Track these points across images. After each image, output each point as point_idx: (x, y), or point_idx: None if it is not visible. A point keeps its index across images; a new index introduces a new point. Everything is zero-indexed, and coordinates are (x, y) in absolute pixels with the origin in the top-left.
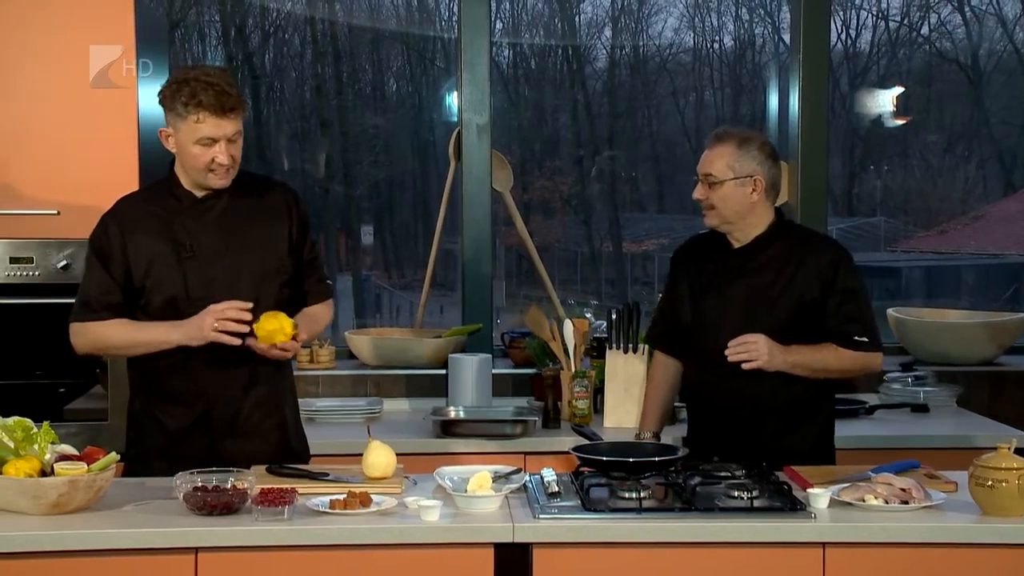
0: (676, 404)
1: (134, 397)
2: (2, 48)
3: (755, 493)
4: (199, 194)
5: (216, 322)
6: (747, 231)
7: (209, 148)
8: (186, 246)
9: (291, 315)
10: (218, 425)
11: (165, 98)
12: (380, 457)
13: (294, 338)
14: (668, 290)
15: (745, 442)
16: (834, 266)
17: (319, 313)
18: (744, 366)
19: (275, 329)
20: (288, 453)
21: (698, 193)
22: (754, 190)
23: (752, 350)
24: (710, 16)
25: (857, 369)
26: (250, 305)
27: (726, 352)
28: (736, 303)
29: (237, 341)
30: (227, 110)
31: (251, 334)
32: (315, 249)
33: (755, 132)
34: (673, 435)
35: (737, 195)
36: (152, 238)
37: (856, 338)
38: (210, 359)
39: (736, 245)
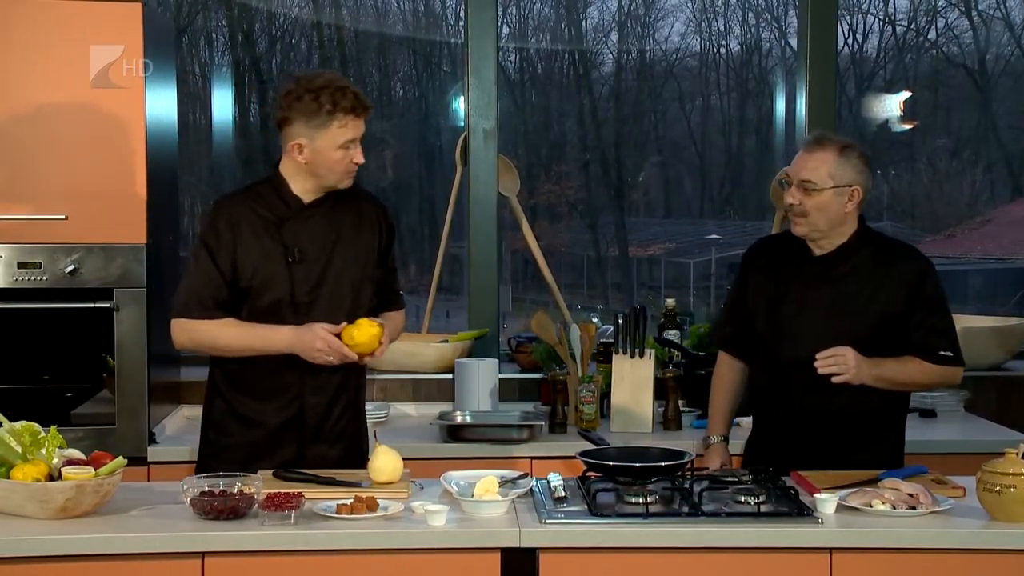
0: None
1: (215, 397)
2: (3, 50)
3: (762, 498)
4: (306, 200)
5: (324, 354)
6: (833, 239)
7: (349, 151)
8: (293, 251)
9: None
10: (309, 428)
11: (297, 111)
12: (387, 462)
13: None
14: (738, 292)
15: (820, 453)
16: (921, 277)
17: (396, 319)
18: (834, 379)
19: (367, 341)
20: (362, 457)
21: (792, 198)
22: (850, 200)
23: (841, 363)
24: (717, 21)
25: (938, 384)
26: (354, 357)
27: (816, 364)
28: (818, 312)
29: (336, 363)
30: (365, 109)
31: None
32: (395, 262)
33: (850, 139)
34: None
35: (834, 204)
36: (261, 240)
37: (941, 352)
38: (308, 365)
39: (818, 252)
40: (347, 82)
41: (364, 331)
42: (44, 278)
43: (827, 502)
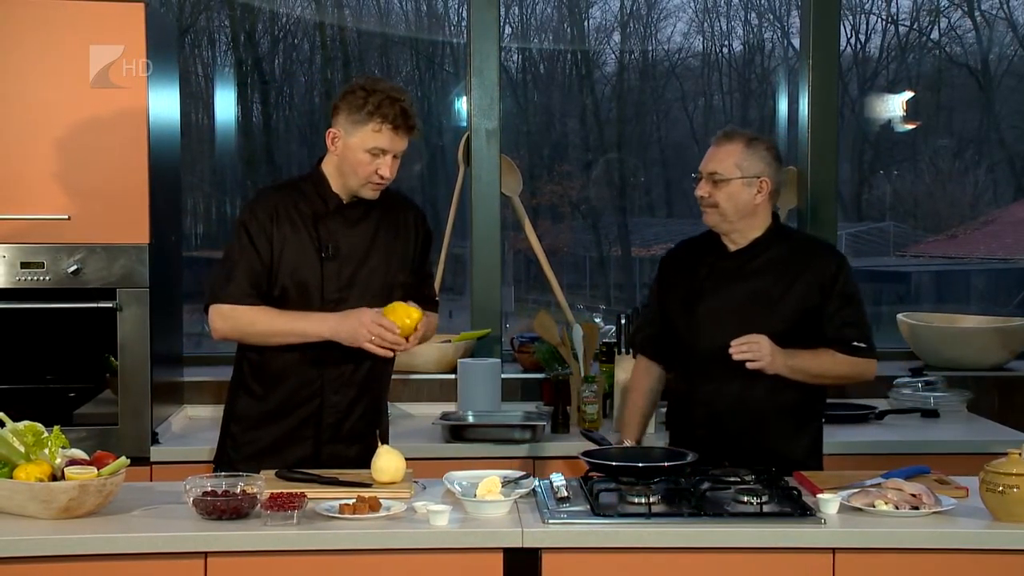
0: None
1: (240, 392)
2: (4, 51)
3: (764, 498)
4: (345, 199)
5: (372, 336)
6: (746, 233)
7: (376, 159)
8: (327, 247)
9: None
10: (326, 426)
11: (346, 102)
12: (389, 462)
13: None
14: (656, 295)
15: (735, 448)
16: (835, 271)
17: (430, 320)
18: (748, 365)
19: (404, 327)
20: None
21: (701, 190)
22: (759, 191)
23: (756, 349)
24: (719, 21)
25: (853, 375)
26: (403, 342)
27: (730, 350)
28: (734, 305)
29: (388, 354)
30: (407, 128)
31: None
32: (430, 267)
33: (761, 134)
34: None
35: (743, 195)
36: (298, 233)
37: (854, 343)
38: (333, 360)
39: (732, 248)
40: (406, 99)
41: (401, 315)
42: (47, 278)
43: (830, 502)
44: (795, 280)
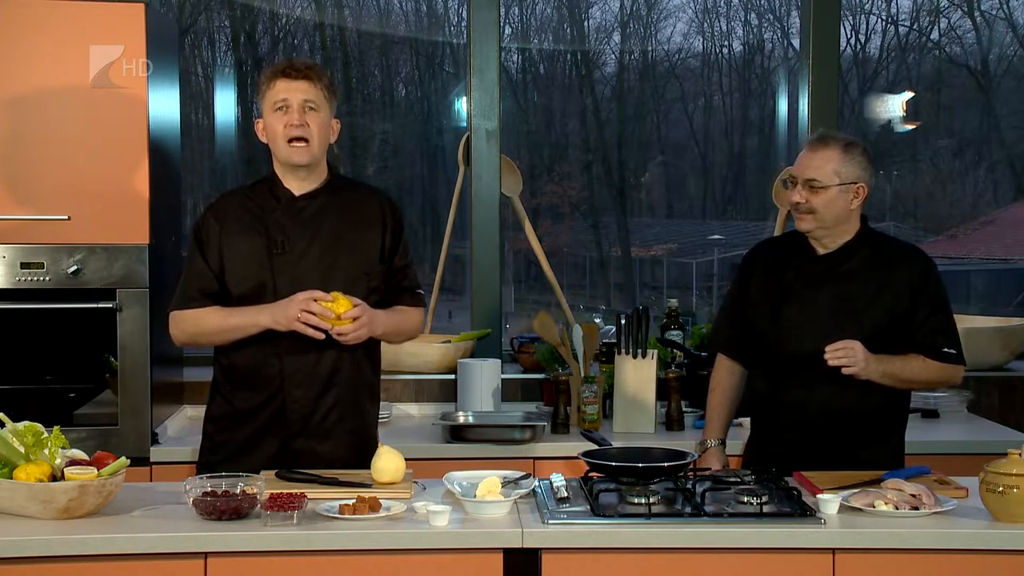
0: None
1: (215, 393)
2: (4, 51)
3: (764, 499)
4: (296, 193)
5: (300, 312)
6: (837, 238)
7: (285, 114)
8: (277, 243)
9: None
10: (292, 422)
11: (257, 92)
12: (389, 462)
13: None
14: (738, 293)
15: (820, 455)
16: (925, 277)
17: (406, 312)
18: (843, 371)
19: (338, 314)
20: (363, 456)
21: (797, 196)
22: (856, 197)
23: (850, 355)
24: (719, 21)
25: (941, 381)
26: (331, 297)
27: (825, 355)
28: (822, 310)
29: (320, 335)
30: (295, 70)
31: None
32: (408, 258)
33: (854, 137)
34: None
35: (840, 201)
36: (246, 233)
37: (945, 350)
38: (292, 353)
39: (821, 251)
40: (299, 60)
41: (338, 304)
42: (47, 278)
43: (830, 503)
44: (884, 284)
